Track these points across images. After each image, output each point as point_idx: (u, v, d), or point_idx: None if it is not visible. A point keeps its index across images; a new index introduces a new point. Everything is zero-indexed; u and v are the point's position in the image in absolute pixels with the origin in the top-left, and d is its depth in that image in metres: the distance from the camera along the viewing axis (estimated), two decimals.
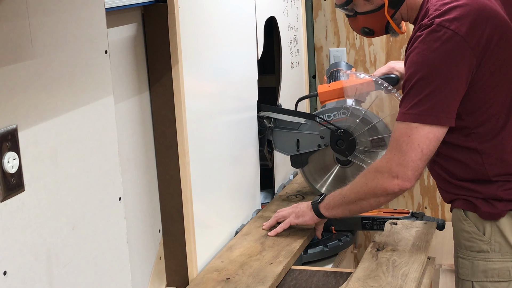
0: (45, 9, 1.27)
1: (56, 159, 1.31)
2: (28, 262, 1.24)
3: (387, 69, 2.45)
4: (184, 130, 1.87)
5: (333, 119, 2.39)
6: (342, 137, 2.38)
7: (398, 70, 2.42)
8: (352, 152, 2.38)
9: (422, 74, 1.80)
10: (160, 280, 1.93)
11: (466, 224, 1.94)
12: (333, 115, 2.39)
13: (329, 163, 2.48)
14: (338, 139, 2.39)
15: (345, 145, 2.38)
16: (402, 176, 1.85)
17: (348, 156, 2.39)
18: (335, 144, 2.40)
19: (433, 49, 1.79)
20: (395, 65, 2.44)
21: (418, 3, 1.98)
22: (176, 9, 1.80)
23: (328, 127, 2.39)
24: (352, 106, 2.37)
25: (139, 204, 1.82)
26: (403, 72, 2.38)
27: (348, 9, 2.09)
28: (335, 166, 2.47)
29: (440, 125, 1.82)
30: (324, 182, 2.50)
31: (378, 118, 2.36)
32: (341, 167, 2.46)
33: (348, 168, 2.45)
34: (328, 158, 2.47)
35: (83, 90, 1.40)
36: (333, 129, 2.38)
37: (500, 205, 1.89)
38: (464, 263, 1.96)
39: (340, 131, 2.37)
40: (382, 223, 2.25)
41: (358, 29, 2.14)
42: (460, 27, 1.78)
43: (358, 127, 2.37)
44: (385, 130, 2.35)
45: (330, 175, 2.49)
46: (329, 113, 2.39)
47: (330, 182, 2.49)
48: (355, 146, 2.38)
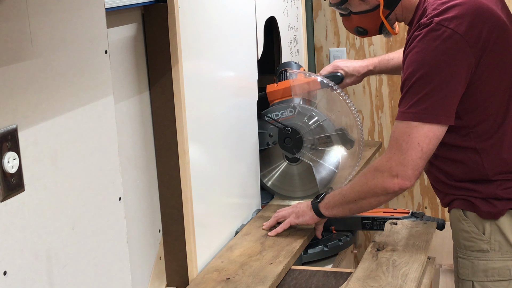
0: (45, 9, 1.27)
1: (56, 159, 1.31)
2: (28, 262, 1.24)
3: (332, 67, 2.55)
4: (184, 130, 1.87)
5: (280, 118, 2.45)
6: (289, 135, 2.44)
7: (343, 68, 2.52)
8: (299, 150, 2.44)
9: (421, 73, 1.80)
10: (160, 280, 1.93)
11: (465, 224, 1.94)
12: (280, 114, 2.46)
13: (277, 160, 2.54)
14: (286, 137, 2.45)
15: (292, 143, 2.45)
16: (402, 175, 1.85)
17: (296, 153, 2.45)
18: (283, 142, 2.46)
19: (433, 48, 1.79)
20: (340, 64, 2.54)
21: (414, 4, 1.98)
22: (176, 9, 1.80)
23: (276, 126, 2.44)
24: (299, 105, 2.45)
25: (139, 204, 1.82)
26: (347, 71, 2.52)
27: (342, 8, 2.09)
28: (283, 162, 2.53)
29: (440, 123, 1.82)
30: (271, 177, 2.56)
31: (325, 116, 2.43)
32: (288, 164, 2.53)
33: (295, 165, 2.51)
34: (277, 155, 2.53)
35: (83, 90, 1.40)
36: (281, 128, 2.44)
37: (499, 204, 1.89)
38: (464, 263, 1.96)
39: (287, 129, 2.44)
40: (382, 223, 2.25)
41: (352, 28, 2.14)
42: (459, 26, 1.78)
43: (304, 125, 2.43)
44: (331, 128, 2.42)
45: (277, 171, 2.55)
46: (277, 111, 2.46)
47: (276, 177, 2.55)
48: (302, 144, 2.44)
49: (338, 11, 2.14)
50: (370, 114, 3.25)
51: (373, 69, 2.54)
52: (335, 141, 2.43)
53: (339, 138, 2.42)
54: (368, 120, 3.27)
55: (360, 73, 2.53)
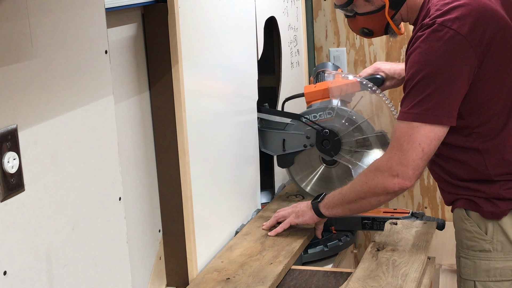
0: (45, 9, 1.27)
1: (56, 159, 1.31)
2: (28, 262, 1.24)
3: (373, 69, 2.47)
4: (184, 130, 1.87)
5: (318, 119, 2.42)
6: (327, 137, 2.41)
7: (383, 70, 2.44)
8: (338, 152, 2.41)
9: (424, 74, 1.80)
10: (160, 280, 1.93)
11: (468, 224, 1.94)
12: (318, 116, 2.42)
13: (314, 163, 2.51)
14: (324, 139, 2.42)
15: (331, 145, 2.41)
16: (402, 175, 1.85)
17: (334, 156, 2.42)
18: (320, 144, 2.43)
19: (435, 49, 1.79)
20: (381, 66, 2.46)
21: (418, 4, 1.98)
22: (176, 9, 1.80)
23: (314, 127, 2.42)
24: (338, 107, 2.41)
25: (139, 204, 1.82)
26: (388, 73, 2.43)
27: (348, 10, 2.09)
28: (320, 166, 2.51)
29: (441, 124, 1.82)
30: (310, 182, 2.53)
31: (363, 118, 2.40)
32: (326, 167, 2.50)
33: (333, 168, 2.49)
34: (314, 158, 2.50)
35: (83, 90, 1.40)
36: (319, 129, 2.41)
37: (502, 204, 1.89)
38: (466, 262, 1.96)
39: (326, 131, 2.40)
40: (382, 223, 2.25)
41: (357, 29, 2.14)
42: (461, 27, 1.78)
43: (343, 127, 2.40)
44: (370, 130, 2.38)
45: (315, 174, 2.52)
46: (315, 113, 2.42)
47: (315, 182, 2.52)
48: (341, 146, 2.41)
49: (343, 13, 2.13)
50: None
51: None
52: (374, 143, 2.39)
53: (378, 141, 2.38)
54: None
55: (401, 76, 2.44)
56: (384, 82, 2.43)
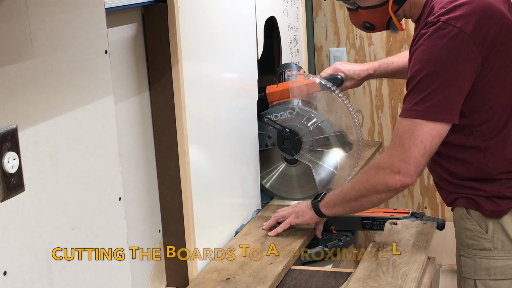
0: (45, 9, 1.27)
1: (56, 159, 1.31)
2: (28, 262, 1.24)
3: (332, 70, 2.54)
4: (184, 130, 1.87)
5: (279, 119, 2.45)
6: (288, 136, 2.44)
7: (343, 71, 2.51)
8: (298, 151, 2.44)
9: (427, 71, 1.81)
10: (160, 280, 1.93)
11: (468, 223, 1.94)
12: (279, 115, 2.46)
13: (276, 161, 2.54)
14: (285, 139, 2.45)
15: (291, 145, 2.44)
16: (404, 171, 1.85)
17: (294, 155, 2.45)
18: (281, 144, 2.46)
19: (439, 47, 1.79)
20: (340, 66, 2.53)
21: (422, 1, 1.98)
22: (176, 9, 1.80)
23: (275, 127, 2.44)
24: (298, 106, 2.44)
25: (139, 204, 1.82)
26: (348, 74, 2.51)
27: (350, 3, 2.08)
28: (281, 164, 2.54)
29: (443, 122, 1.82)
30: (270, 179, 2.56)
31: (323, 118, 2.43)
32: (287, 165, 2.53)
33: (293, 167, 2.52)
34: (276, 157, 2.53)
35: (83, 90, 1.40)
36: (279, 129, 2.43)
37: (503, 203, 1.89)
38: (466, 261, 1.96)
39: (286, 131, 2.44)
40: (382, 223, 2.24)
41: (359, 23, 2.13)
42: (466, 25, 1.78)
43: (303, 126, 2.43)
44: (329, 130, 2.42)
45: (276, 172, 2.55)
46: (276, 113, 2.46)
47: (275, 179, 2.55)
48: (301, 145, 2.44)
49: (346, 6, 2.12)
50: (370, 114, 3.25)
51: (373, 73, 2.54)
52: (333, 143, 2.43)
53: (337, 140, 2.42)
54: (368, 120, 3.27)
55: (360, 76, 2.52)
56: (343, 82, 2.51)
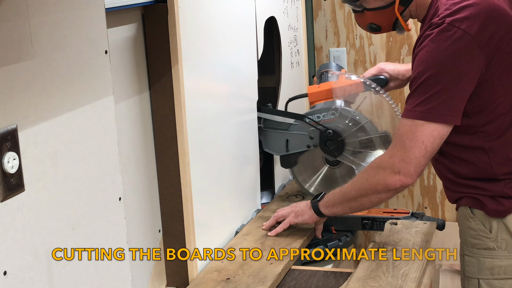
0: (45, 9, 1.27)
1: (56, 159, 1.31)
2: (28, 262, 1.25)
3: (376, 70, 2.47)
4: (184, 130, 1.87)
5: (322, 120, 2.42)
6: (331, 137, 2.41)
7: (387, 71, 2.44)
8: (341, 153, 2.42)
9: (431, 73, 1.80)
10: (160, 280, 1.93)
11: (472, 222, 1.94)
12: (322, 116, 2.42)
13: (318, 164, 2.51)
14: (327, 140, 2.42)
15: (334, 146, 2.41)
16: (404, 172, 1.85)
17: (337, 156, 2.42)
18: (324, 145, 2.43)
19: (443, 48, 1.79)
20: (384, 67, 2.46)
21: (428, 1, 1.97)
22: (176, 9, 1.80)
23: (317, 128, 2.41)
24: (341, 107, 2.40)
25: (139, 204, 1.82)
26: (392, 74, 2.43)
27: (356, 5, 2.08)
28: (324, 166, 2.51)
29: (445, 123, 1.82)
30: (313, 182, 2.53)
31: (366, 118, 2.39)
32: (330, 167, 2.50)
33: (337, 168, 2.48)
34: (317, 159, 2.50)
35: (83, 90, 1.40)
36: (322, 130, 2.41)
37: (507, 202, 1.89)
38: (470, 260, 1.96)
39: (329, 132, 2.40)
40: (382, 223, 2.25)
41: (365, 25, 2.13)
42: (470, 27, 1.78)
43: (346, 127, 2.40)
44: (373, 131, 2.38)
45: (319, 175, 2.52)
46: (319, 113, 2.42)
47: (318, 182, 2.52)
48: (344, 147, 2.41)
49: (351, 8, 2.12)
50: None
51: None
52: (377, 144, 2.39)
53: (381, 141, 2.38)
54: None
55: (405, 76, 2.44)
56: (388, 82, 2.43)
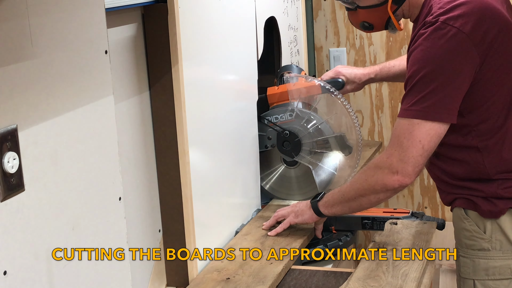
0: (45, 9, 1.27)
1: (56, 159, 1.31)
2: (28, 262, 1.25)
3: (334, 73, 2.54)
4: (184, 130, 1.87)
5: (280, 121, 2.46)
6: (288, 138, 2.44)
7: (344, 74, 2.51)
8: (298, 153, 2.44)
9: (425, 71, 1.81)
10: (160, 280, 1.93)
11: (466, 223, 1.94)
12: (280, 117, 2.46)
13: (275, 163, 2.54)
14: (284, 141, 2.45)
15: (291, 146, 2.44)
16: (402, 171, 1.85)
17: (294, 157, 2.45)
18: (281, 145, 2.46)
19: (438, 47, 1.79)
20: (342, 70, 2.53)
21: (420, 1, 1.98)
22: (176, 9, 1.80)
23: (274, 129, 2.45)
24: (297, 108, 2.44)
25: (139, 204, 1.82)
26: (349, 77, 2.51)
27: (349, 3, 2.08)
28: (281, 166, 2.54)
29: (442, 121, 1.82)
30: (269, 180, 2.56)
31: (322, 119, 2.43)
32: (286, 167, 2.53)
33: (293, 169, 2.52)
34: (275, 158, 2.53)
35: (83, 90, 1.40)
36: (279, 131, 2.44)
37: (500, 203, 1.89)
38: (465, 261, 1.96)
39: (286, 133, 2.44)
40: (382, 223, 2.25)
41: (358, 23, 2.13)
42: (464, 25, 1.78)
43: (303, 128, 2.43)
44: (329, 132, 2.42)
45: (275, 174, 2.55)
46: (276, 114, 2.47)
47: (274, 181, 2.55)
48: (301, 147, 2.44)
49: (345, 5, 2.12)
50: (370, 114, 3.26)
51: (374, 77, 2.53)
52: (333, 145, 2.42)
53: (337, 143, 2.42)
54: (368, 120, 3.27)
55: (361, 80, 2.52)
56: (344, 85, 2.51)
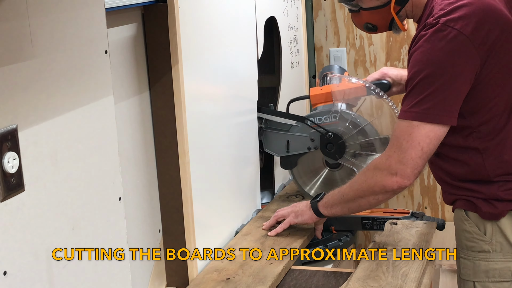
0: (45, 9, 1.27)
1: (56, 159, 1.31)
2: (28, 262, 1.25)
3: (379, 74, 2.46)
4: (184, 130, 1.87)
5: (323, 122, 2.42)
6: (331, 140, 2.41)
7: (390, 76, 2.43)
8: (342, 155, 2.41)
9: (426, 73, 1.80)
10: (160, 280, 1.93)
11: (467, 224, 1.94)
12: (323, 118, 2.42)
13: (318, 166, 2.50)
14: (328, 143, 2.42)
15: (335, 149, 2.41)
16: (401, 173, 1.85)
17: (338, 159, 2.42)
18: (324, 147, 2.42)
19: (438, 48, 1.79)
20: (388, 71, 2.45)
21: (423, 1, 1.97)
22: (176, 9, 1.80)
23: (318, 130, 2.41)
24: (341, 110, 2.40)
25: (139, 204, 1.82)
26: (395, 79, 2.42)
27: (352, 4, 2.08)
28: (324, 169, 2.51)
29: (441, 124, 1.82)
30: (313, 185, 2.53)
31: (366, 121, 2.39)
32: (330, 170, 2.49)
33: (337, 171, 2.48)
34: (318, 161, 2.49)
35: (83, 90, 1.40)
36: (323, 133, 2.41)
37: (500, 205, 1.89)
38: (465, 263, 1.96)
39: (330, 135, 2.40)
40: (382, 223, 2.25)
41: (361, 24, 2.13)
42: (465, 27, 1.78)
43: (347, 130, 2.39)
44: (373, 133, 2.38)
45: (319, 178, 2.52)
46: (320, 116, 2.43)
47: (319, 185, 2.52)
48: (345, 149, 2.40)
49: (348, 7, 2.12)
50: None
51: None
52: (378, 147, 2.38)
53: (382, 144, 2.37)
54: None
55: None
56: (390, 87, 2.43)
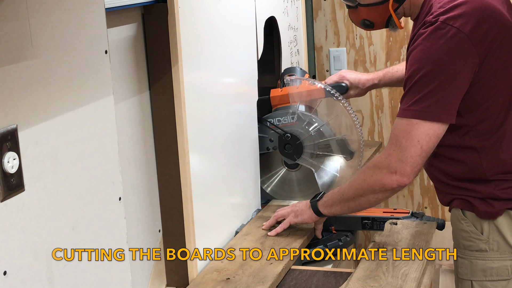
0: (45, 9, 1.28)
1: (56, 159, 1.31)
2: (28, 262, 1.25)
3: (338, 77, 2.54)
4: (184, 130, 1.87)
5: (282, 123, 2.45)
6: (289, 141, 2.44)
7: (348, 79, 2.51)
8: (300, 156, 2.44)
9: (425, 71, 1.81)
10: (160, 280, 1.93)
11: (464, 224, 1.94)
12: (282, 119, 2.46)
13: (276, 166, 2.54)
14: (286, 143, 2.45)
15: (293, 149, 2.44)
16: (400, 171, 1.85)
17: (296, 159, 2.45)
18: (283, 148, 2.46)
19: (437, 47, 1.79)
20: (346, 74, 2.53)
21: (421, 0, 1.98)
22: (176, 9, 1.80)
23: (276, 131, 2.44)
24: (299, 111, 2.44)
25: (139, 204, 1.82)
26: (353, 82, 2.51)
27: (350, 0, 2.08)
28: (282, 169, 2.54)
29: (440, 122, 1.82)
30: (270, 183, 2.56)
31: (323, 121, 2.43)
32: (288, 170, 2.53)
33: (294, 172, 2.52)
34: (276, 161, 2.53)
35: (83, 90, 1.40)
36: (281, 134, 2.44)
37: (497, 204, 1.89)
38: (463, 262, 1.96)
39: (287, 136, 2.43)
40: (382, 223, 2.25)
41: (358, 20, 2.13)
42: (464, 25, 1.78)
43: (304, 131, 2.43)
44: (330, 134, 2.42)
45: (276, 177, 2.55)
46: (279, 117, 2.46)
47: (275, 184, 2.55)
48: (303, 150, 2.43)
49: (346, 3, 2.12)
50: (370, 114, 3.26)
51: (378, 83, 2.53)
52: (334, 148, 2.42)
53: (338, 146, 2.42)
54: (368, 120, 3.27)
55: (365, 86, 2.51)
56: (348, 90, 2.50)
